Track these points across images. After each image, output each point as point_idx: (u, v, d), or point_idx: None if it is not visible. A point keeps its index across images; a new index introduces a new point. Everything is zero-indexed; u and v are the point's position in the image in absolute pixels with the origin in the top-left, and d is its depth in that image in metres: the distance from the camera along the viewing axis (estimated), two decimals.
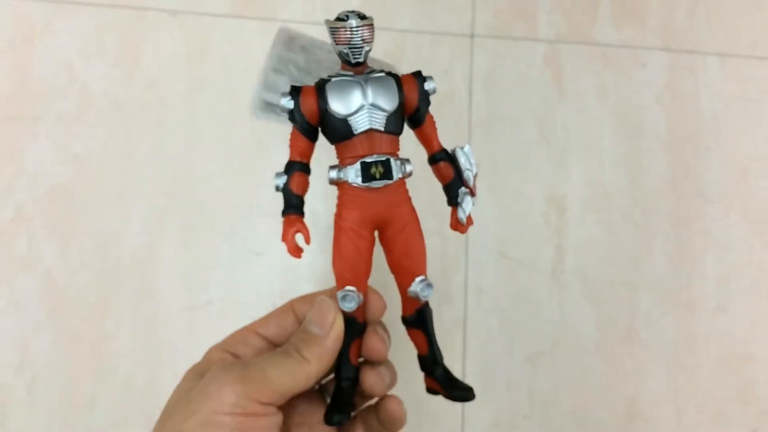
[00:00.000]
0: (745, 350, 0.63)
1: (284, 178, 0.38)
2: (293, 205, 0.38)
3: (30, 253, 0.60)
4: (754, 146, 0.67)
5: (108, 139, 0.62)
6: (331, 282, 0.60)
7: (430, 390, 0.42)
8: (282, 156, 0.63)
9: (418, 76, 0.39)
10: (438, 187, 0.40)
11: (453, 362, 0.61)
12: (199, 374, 0.36)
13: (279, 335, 0.41)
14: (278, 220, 0.62)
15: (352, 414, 0.39)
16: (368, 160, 0.37)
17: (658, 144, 0.67)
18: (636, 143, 0.67)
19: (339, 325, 0.38)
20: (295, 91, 0.38)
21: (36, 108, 0.63)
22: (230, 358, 0.39)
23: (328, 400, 0.41)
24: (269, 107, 0.46)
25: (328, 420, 0.38)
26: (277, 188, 0.38)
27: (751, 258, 0.65)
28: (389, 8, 0.67)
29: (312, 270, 0.61)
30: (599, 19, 0.69)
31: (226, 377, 0.34)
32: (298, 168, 0.39)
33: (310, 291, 0.43)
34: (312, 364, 0.36)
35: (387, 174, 0.37)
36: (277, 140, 0.64)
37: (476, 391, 0.60)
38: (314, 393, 0.41)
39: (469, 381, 0.59)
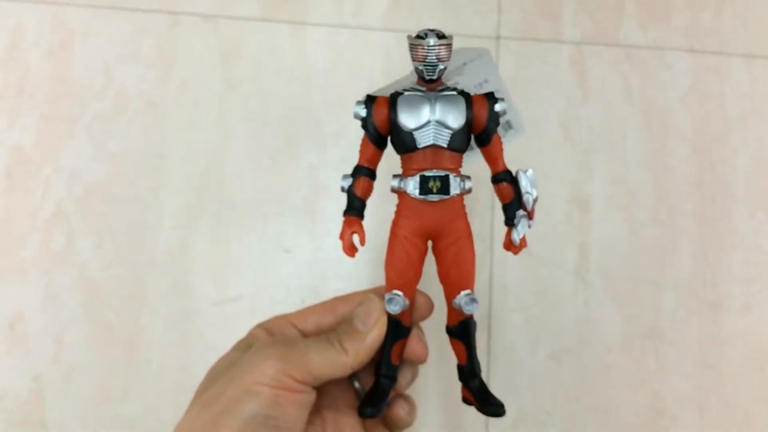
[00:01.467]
0: None
1: (350, 181, 0.41)
2: (355, 207, 0.40)
3: (67, 249, 0.62)
4: None
5: (143, 138, 0.64)
6: (362, 279, 0.62)
7: (465, 400, 0.43)
8: (312, 156, 0.65)
9: (490, 98, 0.40)
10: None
11: (478, 358, 0.62)
12: (246, 346, 0.40)
13: (315, 333, 0.43)
14: (306, 218, 0.64)
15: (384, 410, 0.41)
16: (428, 174, 0.39)
17: (683, 144, 0.67)
18: (661, 143, 0.67)
19: (382, 325, 0.40)
20: (370, 101, 0.40)
21: (74, 109, 0.65)
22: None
23: (356, 385, 0.43)
24: None
25: (361, 412, 0.40)
26: (343, 189, 0.41)
27: None
28: (416, 11, 0.69)
29: (341, 266, 0.62)
30: (624, 20, 0.69)
31: (270, 352, 0.37)
32: (364, 173, 0.41)
33: (338, 287, 0.45)
34: (350, 356, 0.38)
35: (444, 189, 0.39)
36: (306, 141, 0.65)
37: (500, 386, 0.61)
38: (345, 379, 0.43)
39: (493, 377, 0.61)
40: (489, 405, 0.41)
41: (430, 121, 0.38)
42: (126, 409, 0.59)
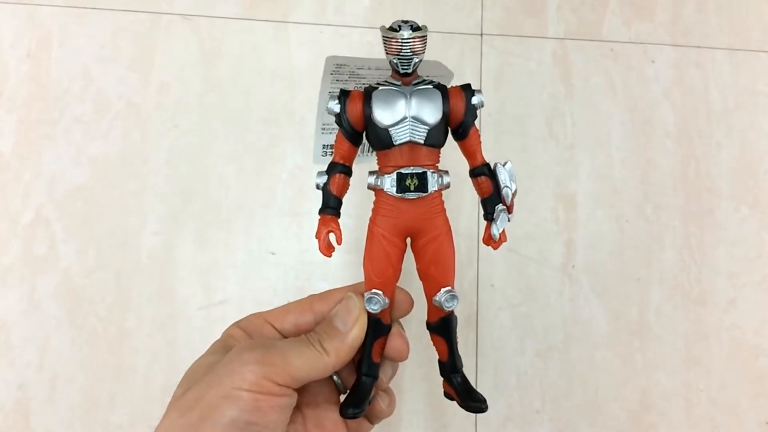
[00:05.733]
0: (756, 343, 0.63)
1: (325, 178, 0.39)
2: (330, 206, 0.39)
3: (49, 255, 0.61)
4: (764, 140, 0.68)
5: (124, 141, 0.64)
6: (346, 281, 0.61)
7: (447, 395, 0.43)
8: (295, 157, 0.65)
9: (467, 90, 0.39)
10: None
11: (466, 358, 0.61)
12: (223, 347, 0.39)
13: (293, 333, 0.42)
14: (292, 220, 0.63)
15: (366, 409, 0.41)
16: (405, 171, 0.38)
17: (667, 139, 0.67)
18: (645, 139, 0.67)
19: (362, 324, 0.39)
20: (344, 95, 0.39)
21: (53, 112, 0.64)
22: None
23: (335, 379, 0.42)
24: (328, 149, 0.47)
25: (344, 413, 0.39)
26: (318, 187, 0.40)
27: (761, 251, 0.65)
28: (400, 8, 0.68)
29: (327, 268, 0.62)
30: (608, 15, 0.69)
31: (249, 356, 0.36)
32: (339, 170, 0.39)
33: (325, 289, 0.44)
34: (331, 357, 0.38)
35: (422, 187, 0.38)
36: (290, 142, 0.65)
37: (488, 385, 0.61)
38: None
39: (481, 376, 0.61)
40: (471, 401, 0.41)
41: (406, 117, 0.37)
42: (113, 415, 0.59)
